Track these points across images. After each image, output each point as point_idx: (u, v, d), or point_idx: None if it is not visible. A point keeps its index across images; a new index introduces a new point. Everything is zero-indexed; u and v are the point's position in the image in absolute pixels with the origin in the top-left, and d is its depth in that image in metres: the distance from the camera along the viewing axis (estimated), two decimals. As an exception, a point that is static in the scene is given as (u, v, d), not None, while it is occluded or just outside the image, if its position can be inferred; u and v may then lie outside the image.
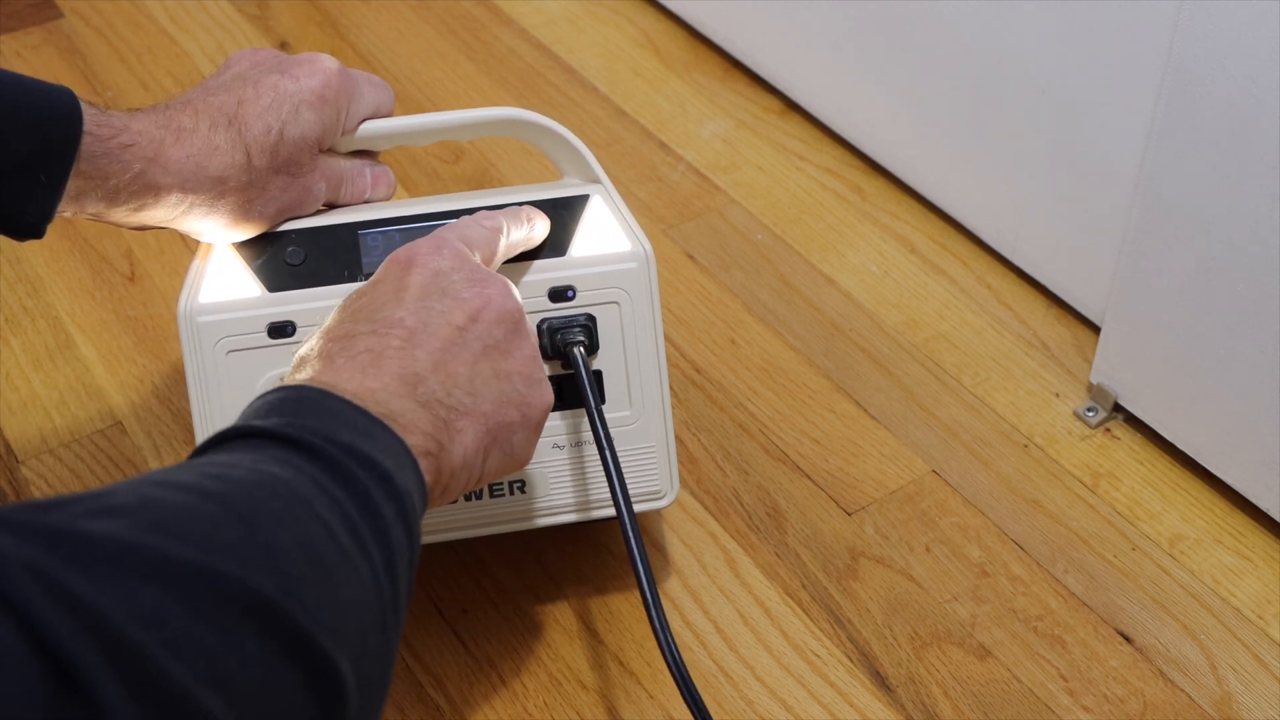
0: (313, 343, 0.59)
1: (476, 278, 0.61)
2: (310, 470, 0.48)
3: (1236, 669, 0.77)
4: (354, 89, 0.73)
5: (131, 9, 1.28)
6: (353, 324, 0.58)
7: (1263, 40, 0.72)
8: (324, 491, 0.47)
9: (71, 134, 0.63)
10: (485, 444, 0.59)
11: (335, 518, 0.47)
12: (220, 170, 0.67)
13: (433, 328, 0.58)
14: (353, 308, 0.60)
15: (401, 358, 0.56)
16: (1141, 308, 0.87)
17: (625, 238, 0.74)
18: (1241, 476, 0.85)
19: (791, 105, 1.18)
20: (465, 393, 0.58)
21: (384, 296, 0.60)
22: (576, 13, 1.29)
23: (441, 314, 0.59)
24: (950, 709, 0.75)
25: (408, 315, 0.58)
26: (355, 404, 0.53)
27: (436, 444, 0.55)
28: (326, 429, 0.50)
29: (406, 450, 0.53)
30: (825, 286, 1.01)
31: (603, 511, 0.75)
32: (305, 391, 0.53)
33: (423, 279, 0.60)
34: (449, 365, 0.58)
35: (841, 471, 0.88)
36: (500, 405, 0.59)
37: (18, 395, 0.93)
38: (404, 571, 0.50)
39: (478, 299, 0.60)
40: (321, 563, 0.45)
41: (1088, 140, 0.90)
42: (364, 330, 0.57)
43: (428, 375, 0.57)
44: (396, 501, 0.50)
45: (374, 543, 0.48)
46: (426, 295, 0.59)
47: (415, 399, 0.56)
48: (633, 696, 0.76)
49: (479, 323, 0.60)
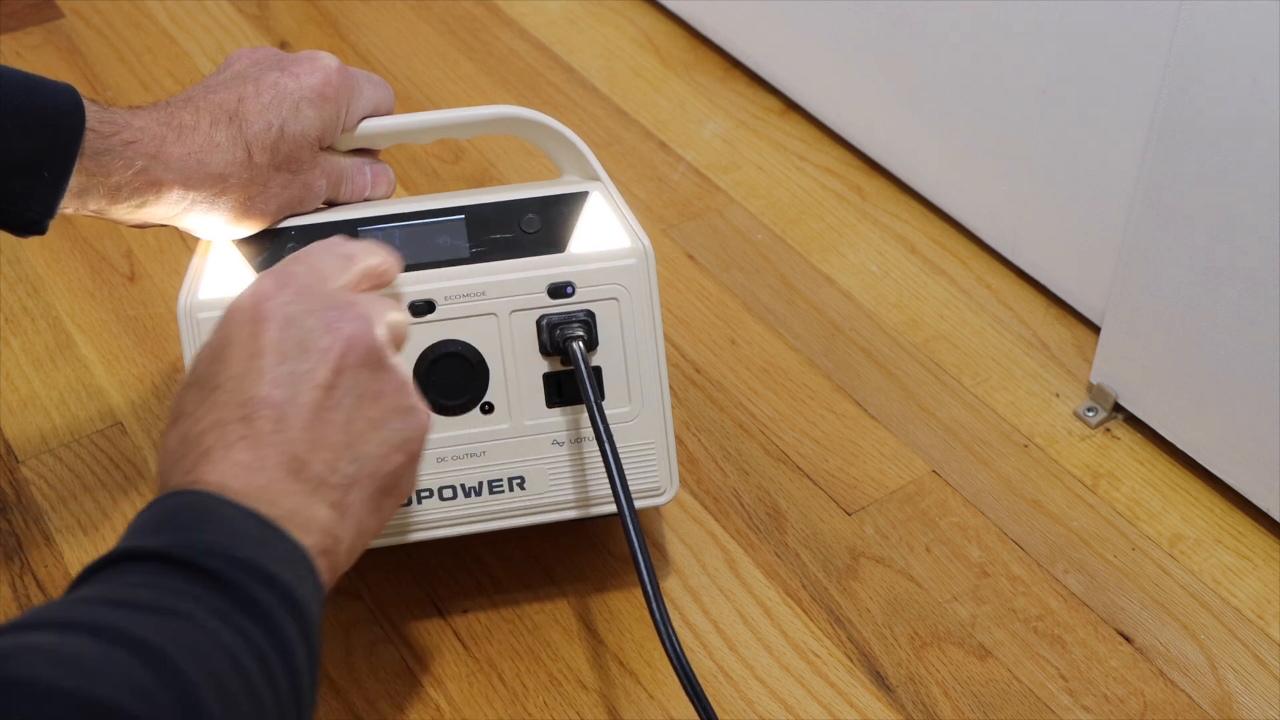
0: (181, 430, 0.55)
1: (330, 317, 0.57)
2: (212, 600, 0.47)
3: (1236, 669, 0.77)
4: (354, 87, 0.73)
5: (131, 9, 1.28)
6: (220, 409, 0.54)
7: (1263, 40, 0.72)
8: (227, 622, 0.47)
9: (74, 131, 0.63)
10: (376, 503, 0.57)
11: (243, 651, 0.46)
12: (221, 167, 0.67)
13: (300, 398, 0.55)
14: (211, 381, 0.56)
15: (278, 443, 0.54)
16: (1141, 308, 0.87)
17: (624, 234, 0.74)
18: (1241, 476, 0.85)
19: (791, 105, 1.18)
20: (348, 461, 0.56)
21: (241, 364, 0.55)
22: (576, 13, 1.29)
23: (305, 376, 0.55)
24: (950, 709, 0.75)
25: (271, 390, 0.54)
26: (247, 509, 0.51)
27: (332, 538, 0.54)
28: (224, 545, 0.49)
29: (304, 555, 0.52)
30: (825, 286, 1.01)
31: (603, 508, 0.75)
32: (194, 499, 0.51)
33: (275, 336, 0.56)
34: (325, 435, 0.55)
35: (841, 471, 0.88)
36: (383, 458, 0.57)
37: (18, 395, 0.93)
38: (308, 693, 0.49)
39: (337, 346, 0.56)
40: (235, 703, 0.44)
41: (1088, 140, 0.90)
42: (233, 416, 0.54)
43: (308, 456, 0.54)
44: (298, 618, 0.49)
45: (280, 670, 0.47)
46: (284, 357, 0.55)
47: (302, 490, 0.54)
48: (633, 696, 0.76)
49: (343, 375, 0.56)
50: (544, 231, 0.73)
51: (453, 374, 0.72)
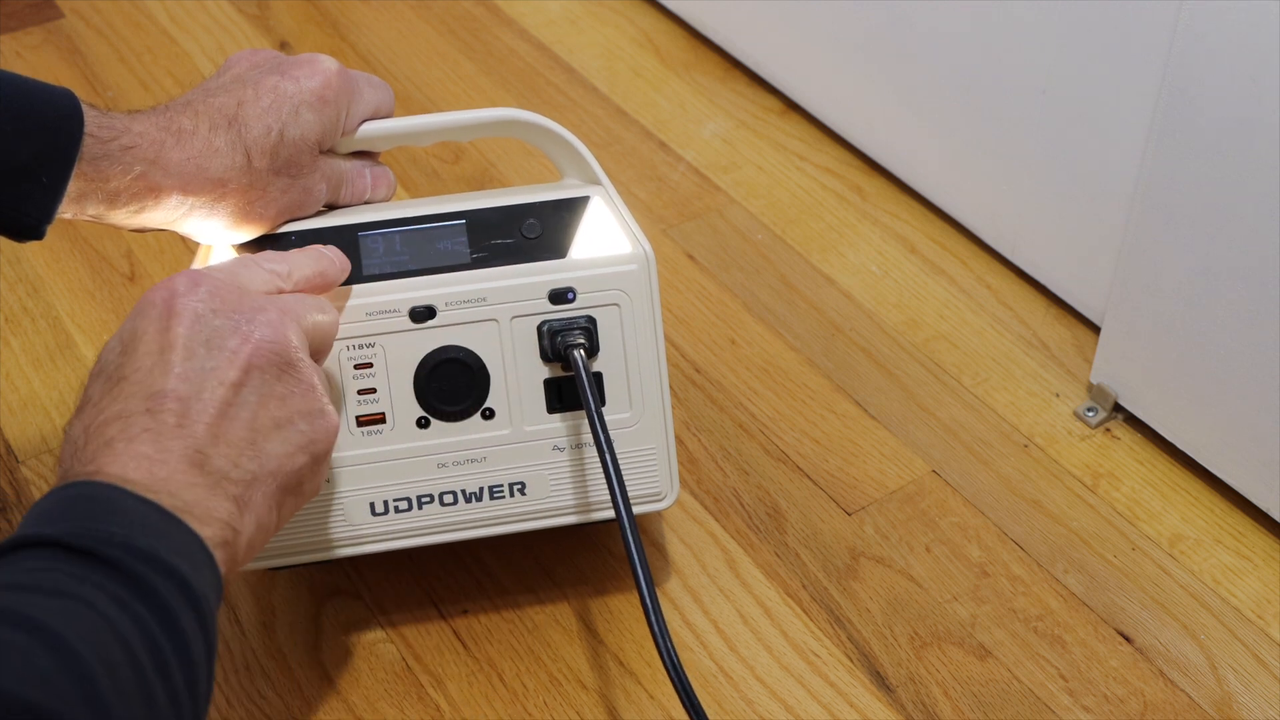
0: (85, 420, 0.55)
1: (240, 319, 0.58)
2: (110, 587, 0.47)
3: (1236, 669, 0.78)
4: (354, 90, 0.73)
5: (131, 9, 1.28)
6: (125, 400, 0.55)
7: (1263, 40, 0.72)
8: (125, 610, 0.47)
9: (73, 136, 0.63)
10: (278, 500, 0.58)
11: (138, 641, 0.47)
12: (220, 172, 0.67)
13: (206, 394, 0.56)
14: (118, 372, 0.56)
15: (181, 436, 0.54)
16: (1141, 308, 0.87)
17: (626, 240, 0.74)
18: (1241, 476, 0.85)
19: (791, 105, 1.18)
20: (250, 457, 0.56)
21: (149, 358, 0.56)
22: (576, 13, 1.29)
23: (212, 373, 0.56)
24: (950, 709, 0.75)
25: (178, 383, 0.55)
26: (147, 499, 0.51)
27: (232, 530, 0.55)
28: (123, 534, 0.49)
29: (202, 545, 0.52)
30: (825, 286, 1.02)
31: (603, 513, 0.75)
32: (95, 489, 0.52)
33: (185, 330, 0.57)
34: (229, 432, 0.56)
35: (841, 471, 0.88)
36: (286, 457, 0.58)
37: (18, 395, 0.93)
38: (204, 684, 0.50)
39: (245, 347, 0.57)
40: (126, 693, 0.45)
41: (1088, 140, 0.90)
42: (138, 408, 0.55)
43: (210, 450, 0.55)
44: (195, 609, 0.50)
45: (175, 661, 0.48)
46: (192, 353, 0.56)
47: (204, 482, 0.54)
48: (633, 696, 0.76)
49: (251, 375, 0.57)
50: (545, 237, 0.73)
51: (453, 380, 0.72)
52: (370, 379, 0.72)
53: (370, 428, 0.72)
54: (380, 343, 0.72)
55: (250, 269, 0.63)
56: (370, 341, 0.72)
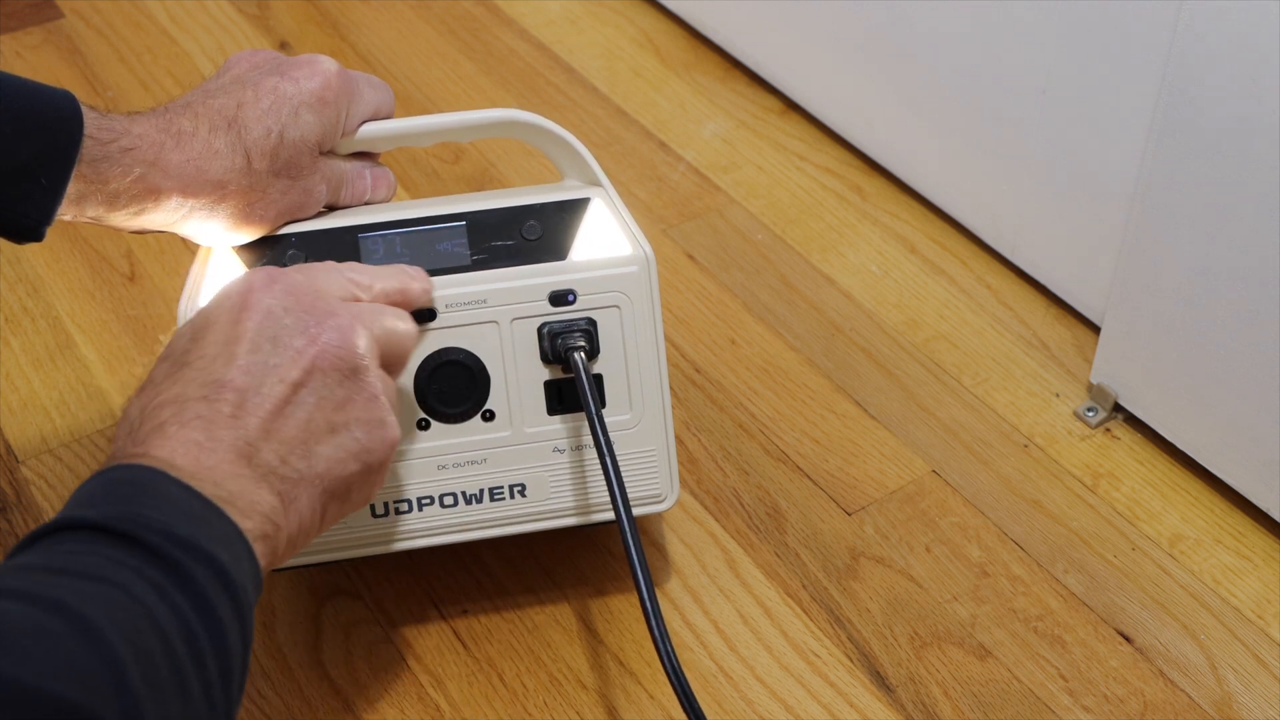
0: (143, 400, 0.56)
1: (310, 320, 0.59)
2: (149, 573, 0.47)
3: (1236, 669, 0.78)
4: (353, 90, 0.73)
5: (131, 9, 1.28)
6: (184, 385, 0.56)
7: (1263, 40, 0.72)
8: (164, 598, 0.47)
9: (72, 137, 0.63)
10: (323, 504, 0.58)
11: (174, 629, 0.47)
12: (220, 174, 0.67)
13: (265, 389, 0.56)
14: (184, 357, 0.57)
15: (234, 427, 0.55)
16: (1141, 308, 0.87)
17: (626, 241, 0.74)
18: (1241, 476, 0.85)
19: (791, 105, 1.18)
20: (300, 456, 0.56)
21: (215, 346, 0.57)
22: (576, 13, 1.29)
23: (274, 369, 0.57)
24: (950, 709, 0.75)
25: (238, 375, 0.56)
26: (191, 487, 0.52)
27: (273, 525, 0.55)
28: (164, 520, 0.49)
29: (243, 537, 0.52)
30: (825, 286, 1.02)
31: (603, 515, 0.75)
32: (139, 473, 0.52)
33: (255, 324, 0.57)
34: (282, 429, 0.56)
35: (841, 471, 0.88)
36: (336, 463, 0.58)
37: (18, 395, 0.93)
38: (238, 674, 0.50)
39: (310, 349, 0.58)
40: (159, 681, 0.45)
41: (1088, 140, 0.90)
42: (195, 394, 0.55)
43: (261, 444, 0.55)
44: (232, 598, 0.50)
45: (211, 653, 0.48)
46: (257, 347, 0.57)
47: (251, 474, 0.54)
48: (633, 696, 0.76)
49: (313, 376, 0.57)
50: (545, 239, 0.73)
51: (454, 381, 0.72)
52: (370, 380, 0.72)
53: (370, 429, 0.72)
54: (380, 344, 0.72)
55: (330, 275, 0.63)
56: None
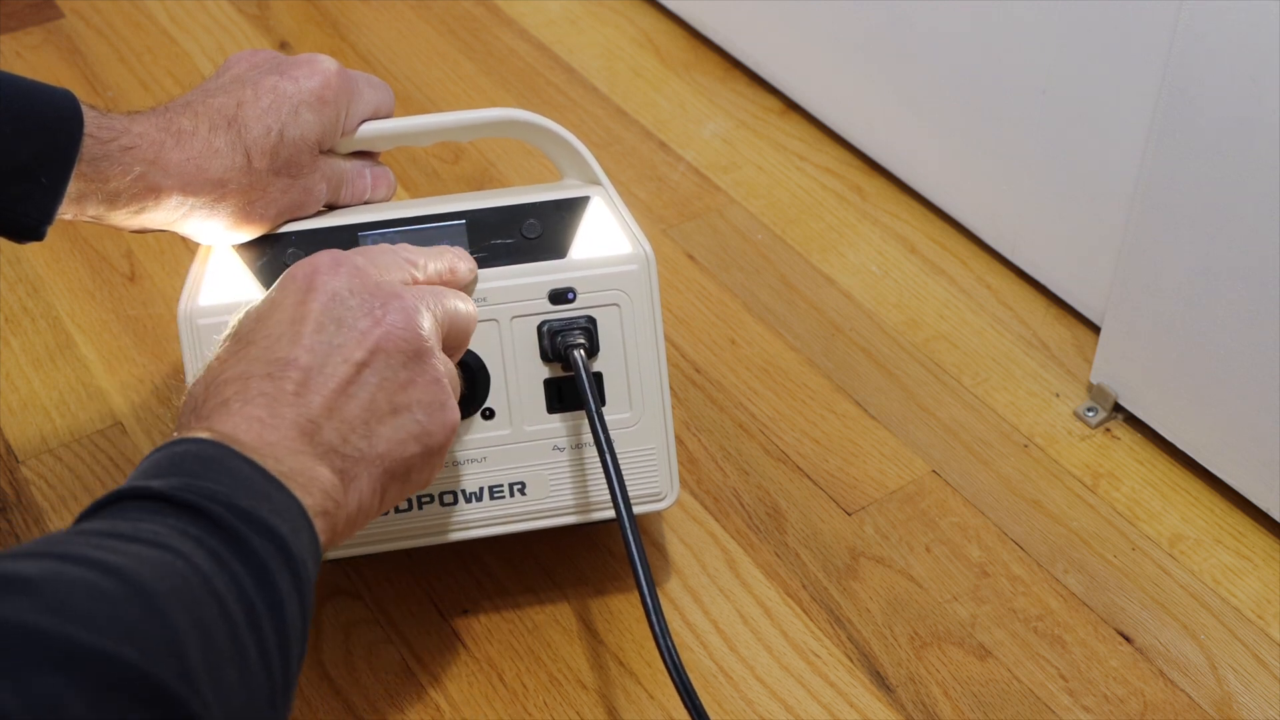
0: (208, 377, 0.57)
1: (375, 303, 0.59)
2: (210, 543, 0.48)
3: (1236, 669, 0.78)
4: (353, 90, 0.73)
5: (131, 9, 1.28)
6: (248, 363, 0.56)
7: (1263, 40, 0.72)
8: (223, 567, 0.47)
9: (72, 136, 0.63)
10: (383, 484, 0.58)
11: (232, 597, 0.47)
12: (220, 173, 0.67)
13: (329, 368, 0.57)
14: (249, 336, 0.58)
15: (297, 404, 0.55)
16: (1141, 308, 0.87)
17: (626, 240, 0.74)
18: (1241, 476, 0.85)
19: (791, 105, 1.18)
20: (361, 436, 0.57)
21: (280, 326, 0.58)
22: (576, 13, 1.29)
23: (338, 349, 0.57)
24: (950, 709, 0.75)
25: (303, 354, 0.57)
26: (254, 461, 0.52)
27: (333, 502, 0.55)
28: (225, 493, 0.50)
29: (303, 512, 0.53)
30: (825, 286, 1.02)
31: (603, 513, 0.75)
32: (204, 447, 0.52)
33: (320, 305, 0.58)
34: (345, 409, 0.57)
35: (841, 471, 0.88)
36: (397, 444, 0.59)
37: (18, 395, 0.93)
38: (296, 646, 0.50)
39: (375, 330, 0.59)
40: (217, 648, 0.45)
41: (1088, 140, 0.90)
42: (259, 372, 0.56)
43: (323, 422, 0.56)
44: (292, 571, 0.50)
45: (269, 623, 0.48)
46: (322, 327, 0.58)
47: (312, 451, 0.55)
48: (633, 696, 0.76)
49: (377, 357, 0.58)
50: (545, 237, 0.73)
51: None
52: (370, 379, 0.72)
53: (370, 428, 0.72)
54: (380, 343, 0.72)
55: (389, 256, 0.64)
56: None
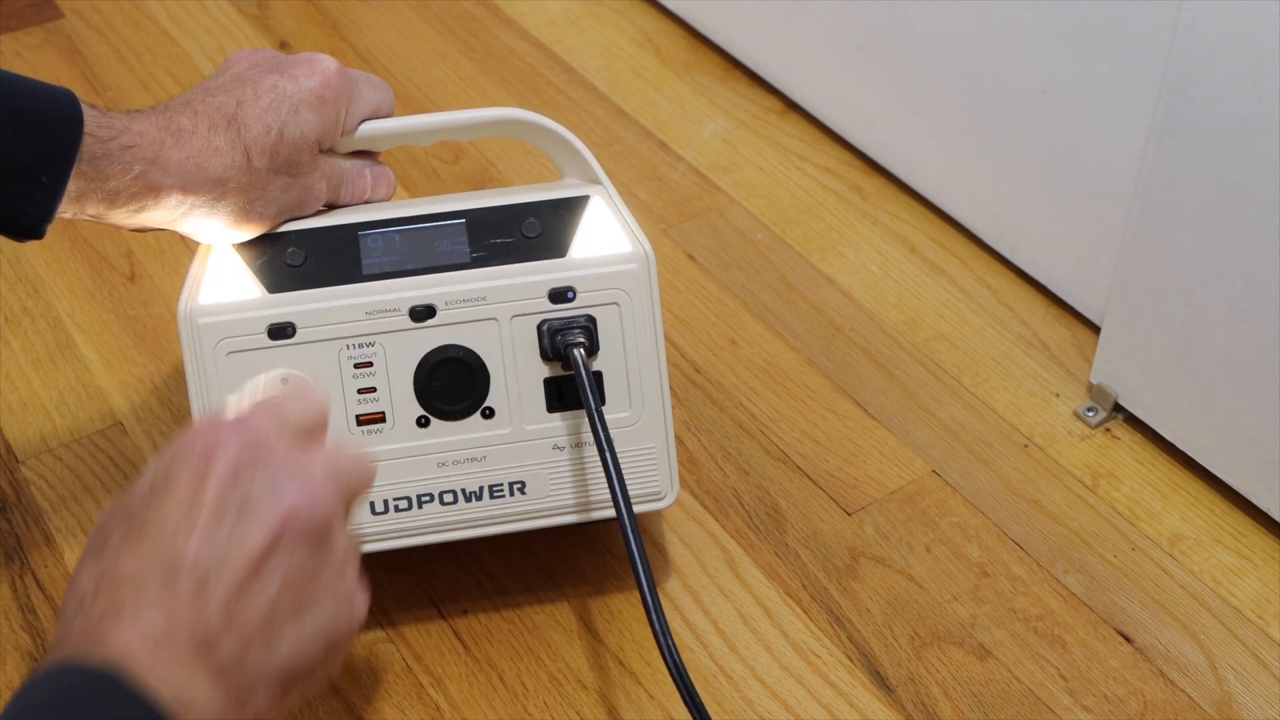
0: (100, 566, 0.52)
1: (279, 478, 0.53)
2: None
3: (1236, 669, 0.78)
4: (353, 89, 0.73)
5: (131, 9, 1.28)
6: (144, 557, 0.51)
7: (1263, 40, 0.72)
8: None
9: (72, 135, 0.63)
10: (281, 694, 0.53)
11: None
12: (220, 171, 0.67)
13: (227, 566, 0.51)
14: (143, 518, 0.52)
15: (194, 613, 0.50)
16: (1141, 308, 0.87)
17: (625, 239, 0.74)
18: (1241, 476, 0.85)
19: (791, 105, 1.18)
20: (262, 643, 0.52)
21: (176, 513, 0.52)
22: (576, 13, 1.29)
23: (239, 543, 0.51)
24: (950, 709, 0.75)
25: (201, 550, 0.51)
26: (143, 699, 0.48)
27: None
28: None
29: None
30: (825, 286, 1.02)
31: (603, 512, 0.75)
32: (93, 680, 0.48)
33: (219, 487, 0.52)
34: (244, 614, 0.51)
35: (841, 471, 0.88)
36: (300, 649, 0.53)
37: (18, 395, 0.93)
38: None
39: (278, 515, 0.52)
40: None
41: (1088, 140, 0.90)
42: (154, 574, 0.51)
43: (221, 635, 0.51)
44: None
45: None
46: (221, 515, 0.52)
47: (208, 672, 0.50)
48: (633, 696, 0.76)
49: (280, 547, 0.52)
50: (545, 236, 0.73)
51: (453, 379, 0.72)
52: (370, 378, 0.72)
53: (370, 427, 0.72)
54: (380, 342, 0.72)
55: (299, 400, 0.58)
56: (370, 340, 0.72)
